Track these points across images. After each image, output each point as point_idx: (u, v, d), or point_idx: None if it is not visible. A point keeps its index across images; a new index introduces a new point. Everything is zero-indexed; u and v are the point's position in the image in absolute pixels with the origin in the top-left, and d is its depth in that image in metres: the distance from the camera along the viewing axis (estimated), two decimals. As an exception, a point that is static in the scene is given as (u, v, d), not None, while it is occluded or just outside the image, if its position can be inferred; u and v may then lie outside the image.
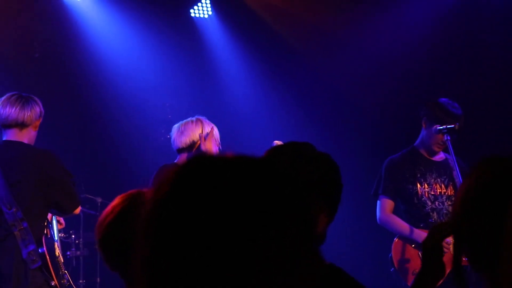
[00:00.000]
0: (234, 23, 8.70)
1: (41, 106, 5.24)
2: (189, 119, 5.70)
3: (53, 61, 8.22)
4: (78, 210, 5.29)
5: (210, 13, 8.68)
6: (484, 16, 7.87)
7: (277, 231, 1.10)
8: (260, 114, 8.64)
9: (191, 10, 8.67)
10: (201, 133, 5.63)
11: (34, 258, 4.99)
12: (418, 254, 5.63)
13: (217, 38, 8.79)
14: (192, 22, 8.71)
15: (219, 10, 8.72)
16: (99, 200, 7.51)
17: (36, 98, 5.24)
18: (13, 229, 4.95)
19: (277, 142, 4.99)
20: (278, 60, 8.66)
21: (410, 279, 5.64)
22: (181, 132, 5.59)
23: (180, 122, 5.67)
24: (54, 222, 5.41)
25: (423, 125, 5.92)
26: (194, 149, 5.60)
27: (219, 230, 1.08)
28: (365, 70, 8.24)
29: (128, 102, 8.41)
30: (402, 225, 5.76)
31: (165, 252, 1.11)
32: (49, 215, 5.34)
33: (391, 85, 7.98)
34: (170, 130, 8.72)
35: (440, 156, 5.95)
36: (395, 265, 5.73)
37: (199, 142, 5.62)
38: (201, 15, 8.70)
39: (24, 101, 5.12)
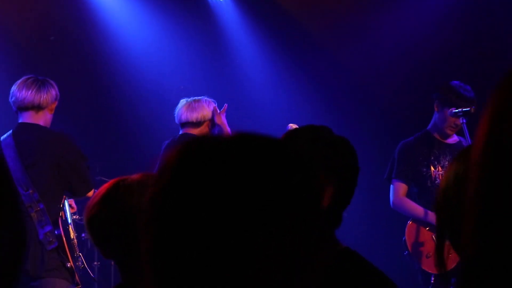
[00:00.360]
0: (249, 7, 8.68)
1: (57, 89, 5.29)
2: (201, 97, 5.72)
3: (69, 45, 8.23)
4: (91, 193, 5.28)
5: (225, -4, 8.68)
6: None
7: (287, 219, 1.07)
8: (276, 98, 8.62)
9: (207, -6, 8.66)
10: (215, 106, 5.86)
11: (51, 239, 5.05)
12: (432, 237, 5.63)
13: (233, 21, 8.76)
14: (208, 6, 8.69)
15: (234, -6, 8.71)
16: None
17: (52, 81, 5.29)
18: (30, 211, 5.01)
19: (292, 125, 5.01)
20: (294, 44, 8.63)
21: (424, 263, 5.64)
22: (193, 108, 5.82)
23: (192, 98, 5.88)
24: (67, 205, 5.43)
25: (436, 108, 5.93)
26: (200, 127, 5.81)
27: (224, 218, 1.05)
28: (381, 54, 8.20)
29: (143, 85, 8.41)
30: (416, 208, 5.75)
31: (168, 242, 1.09)
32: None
33: (407, 70, 7.95)
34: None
35: (453, 139, 5.94)
36: (409, 249, 5.74)
37: (207, 122, 5.84)
38: (217, -1, 8.70)
39: (40, 84, 5.17)
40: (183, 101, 5.93)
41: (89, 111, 8.27)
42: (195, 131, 5.86)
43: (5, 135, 5.23)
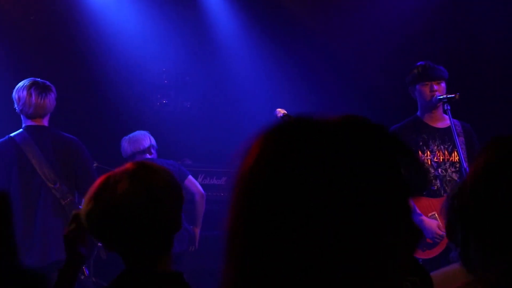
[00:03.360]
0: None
1: (55, 91, 5.66)
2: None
3: (51, 26, 8.15)
4: None
5: (210, -19, 8.61)
6: None
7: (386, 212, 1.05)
8: (261, 82, 8.59)
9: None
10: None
11: None
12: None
13: (218, 9, 8.71)
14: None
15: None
16: (94, 164, 7.48)
17: (51, 85, 5.65)
18: (62, 202, 5.51)
19: (280, 110, 4.99)
20: (279, 28, 8.60)
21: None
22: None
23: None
24: None
25: (411, 93, 5.96)
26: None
27: (317, 199, 1.03)
28: (367, 38, 8.20)
29: (125, 67, 8.35)
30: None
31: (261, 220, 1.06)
32: None
33: (394, 54, 7.94)
34: (165, 96, 8.77)
35: (445, 123, 5.90)
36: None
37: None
38: (201, -17, 8.62)
39: (47, 91, 5.58)
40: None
41: (71, 93, 8.20)
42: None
43: (14, 134, 5.55)
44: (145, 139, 6.76)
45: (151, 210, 2.28)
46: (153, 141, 6.81)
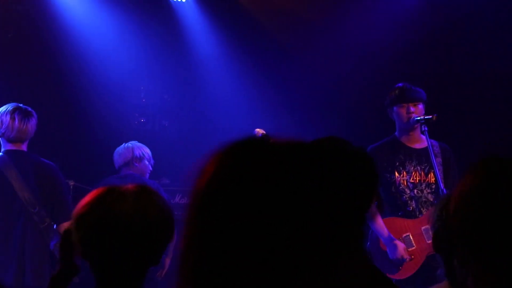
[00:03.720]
0: (212, 8, 8.64)
1: (36, 117, 5.81)
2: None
3: (28, 43, 8.11)
4: (67, 224, 5.69)
5: (188, -3, 8.62)
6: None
7: (328, 221, 1.07)
8: (239, 101, 8.59)
9: (169, -6, 8.59)
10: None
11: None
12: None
13: (194, 22, 8.71)
14: (170, 6, 8.63)
15: (197, -5, 8.66)
16: (71, 183, 7.44)
17: (33, 111, 5.80)
18: (40, 226, 5.64)
19: (258, 130, 4.98)
20: (257, 47, 8.62)
21: (385, 268, 5.64)
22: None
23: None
24: None
25: (389, 115, 6.00)
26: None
27: (267, 217, 1.05)
28: (345, 59, 8.23)
29: (103, 85, 8.32)
30: (382, 229, 5.71)
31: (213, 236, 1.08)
32: None
33: (372, 75, 7.98)
34: (143, 114, 8.75)
35: (422, 144, 5.95)
36: (371, 254, 5.73)
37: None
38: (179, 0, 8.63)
39: (28, 118, 5.72)
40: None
41: (47, 109, 8.15)
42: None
43: None
44: (127, 152, 6.79)
45: (142, 236, 2.25)
46: (137, 153, 6.82)
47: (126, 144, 6.88)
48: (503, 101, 7.78)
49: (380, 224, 5.68)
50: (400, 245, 5.62)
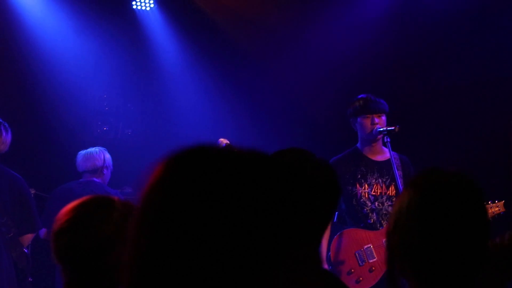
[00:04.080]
0: (176, 17, 8.63)
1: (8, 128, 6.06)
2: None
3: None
4: (30, 237, 6.16)
5: (152, 5, 8.59)
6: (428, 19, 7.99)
7: (277, 231, 1.05)
8: (203, 110, 8.59)
9: (133, 2, 8.56)
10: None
11: (22, 257, 5.95)
12: (355, 254, 5.68)
13: (159, 31, 8.70)
14: (134, 14, 8.61)
15: (161, 3, 8.63)
16: (33, 191, 7.36)
17: (6, 124, 6.08)
18: (6, 235, 5.79)
19: (222, 140, 4.97)
20: (222, 56, 8.62)
21: (345, 279, 5.65)
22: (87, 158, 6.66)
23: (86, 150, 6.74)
24: None
25: (353, 126, 6.03)
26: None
27: (216, 227, 1.03)
28: (309, 68, 8.26)
29: (66, 93, 8.27)
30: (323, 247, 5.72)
31: (157, 247, 1.06)
32: None
33: (336, 85, 8.02)
34: (106, 122, 8.69)
35: (384, 156, 6.00)
36: (332, 264, 5.75)
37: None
38: (143, 8, 8.60)
39: (2, 129, 5.97)
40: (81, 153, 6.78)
41: (8, 116, 8.08)
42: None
43: None
44: (99, 158, 6.71)
45: (116, 252, 2.23)
46: (108, 161, 6.78)
47: (95, 149, 6.79)
48: (463, 113, 7.88)
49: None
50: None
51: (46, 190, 6.99)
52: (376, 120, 5.87)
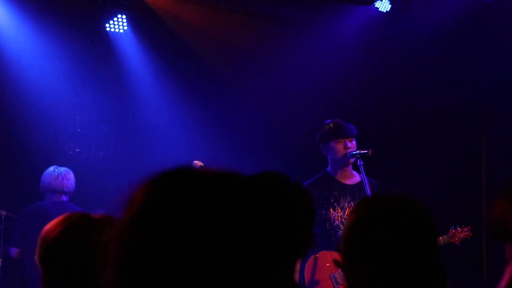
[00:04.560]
0: (150, 39, 8.64)
1: None
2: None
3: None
4: None
5: (125, 28, 8.59)
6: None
7: (255, 252, 1.07)
8: (175, 132, 8.58)
9: (107, 25, 8.55)
10: None
11: None
12: (330, 276, 5.70)
13: (132, 53, 8.69)
14: (107, 37, 8.60)
15: (135, 26, 8.64)
16: (3, 213, 7.30)
17: None
18: None
19: (196, 162, 4.98)
20: (194, 78, 8.64)
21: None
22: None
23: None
24: None
25: (323, 151, 6.09)
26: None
27: (197, 245, 1.04)
28: (286, 93, 8.31)
29: (38, 114, 8.22)
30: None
31: (140, 264, 1.07)
32: None
33: (312, 109, 8.06)
34: (78, 144, 8.66)
35: (355, 179, 6.07)
36: (307, 286, 5.76)
37: None
38: (117, 30, 8.59)
39: None
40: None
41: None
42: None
43: None
44: (71, 181, 6.81)
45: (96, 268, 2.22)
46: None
47: (66, 170, 6.82)
48: (435, 137, 7.95)
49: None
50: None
51: (18, 211, 6.94)
52: (349, 144, 5.94)
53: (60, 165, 7.21)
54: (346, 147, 5.95)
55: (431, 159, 7.91)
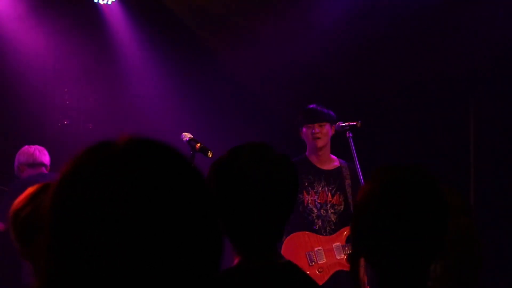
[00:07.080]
0: (138, 11, 8.59)
1: None
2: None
3: None
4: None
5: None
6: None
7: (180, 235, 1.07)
8: (164, 104, 8.56)
9: (95, -4, 8.50)
10: None
11: None
12: (306, 255, 5.79)
13: (120, 24, 8.65)
14: (95, 7, 8.54)
15: (123, -3, 8.59)
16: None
17: None
18: None
19: (185, 134, 4.96)
20: (183, 51, 8.59)
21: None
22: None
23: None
24: None
25: (300, 135, 6.12)
26: None
27: (120, 224, 1.04)
28: (275, 70, 8.28)
29: (25, 87, 8.19)
30: None
31: (64, 240, 1.06)
32: None
33: (301, 87, 8.04)
34: (67, 116, 8.63)
35: (333, 165, 6.14)
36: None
37: None
38: (105, 1, 8.54)
39: None
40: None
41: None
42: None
43: None
44: (47, 155, 6.72)
45: None
46: None
47: (39, 147, 6.79)
48: (423, 109, 7.96)
49: None
50: None
51: (5, 183, 6.93)
52: (317, 129, 5.97)
53: (49, 138, 7.21)
54: (314, 133, 5.98)
55: (419, 130, 7.92)
